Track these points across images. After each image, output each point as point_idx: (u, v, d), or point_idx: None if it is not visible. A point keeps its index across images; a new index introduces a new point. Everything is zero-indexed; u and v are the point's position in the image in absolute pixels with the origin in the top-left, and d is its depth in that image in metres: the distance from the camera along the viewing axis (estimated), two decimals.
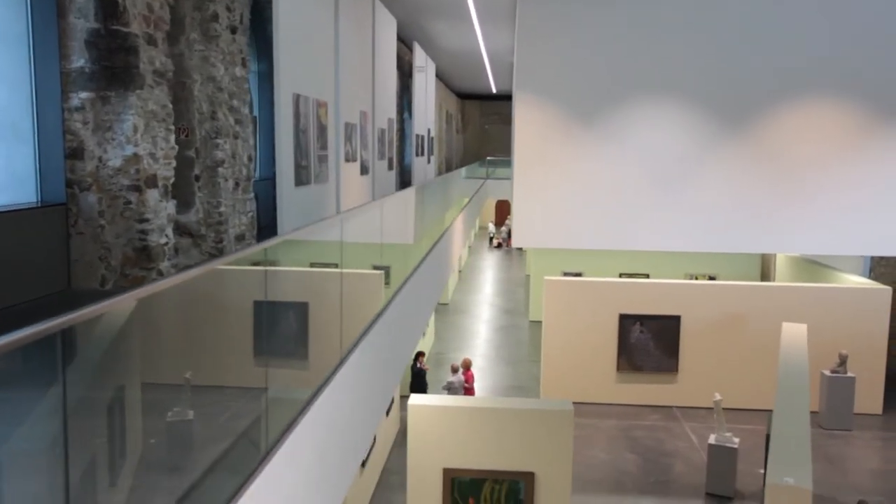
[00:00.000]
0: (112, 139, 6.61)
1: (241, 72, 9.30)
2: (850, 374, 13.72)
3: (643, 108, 10.77)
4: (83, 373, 3.01)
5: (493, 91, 36.64)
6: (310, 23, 9.82)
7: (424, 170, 24.12)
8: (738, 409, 13.66)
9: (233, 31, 8.90)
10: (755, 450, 12.00)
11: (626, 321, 14.78)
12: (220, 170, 8.63)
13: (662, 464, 12.32)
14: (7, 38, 6.10)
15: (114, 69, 6.49)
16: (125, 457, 3.22)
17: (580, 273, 19.18)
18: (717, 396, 11.43)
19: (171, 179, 7.33)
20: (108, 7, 6.41)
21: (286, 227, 8.20)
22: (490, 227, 42.01)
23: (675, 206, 10.86)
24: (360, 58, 13.93)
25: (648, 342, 14.74)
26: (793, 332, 11.24)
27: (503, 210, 42.18)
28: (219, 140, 8.60)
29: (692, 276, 19.67)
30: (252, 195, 9.59)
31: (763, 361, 14.05)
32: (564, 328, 14.87)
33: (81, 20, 6.37)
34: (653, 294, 14.91)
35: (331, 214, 8.80)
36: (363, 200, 13.15)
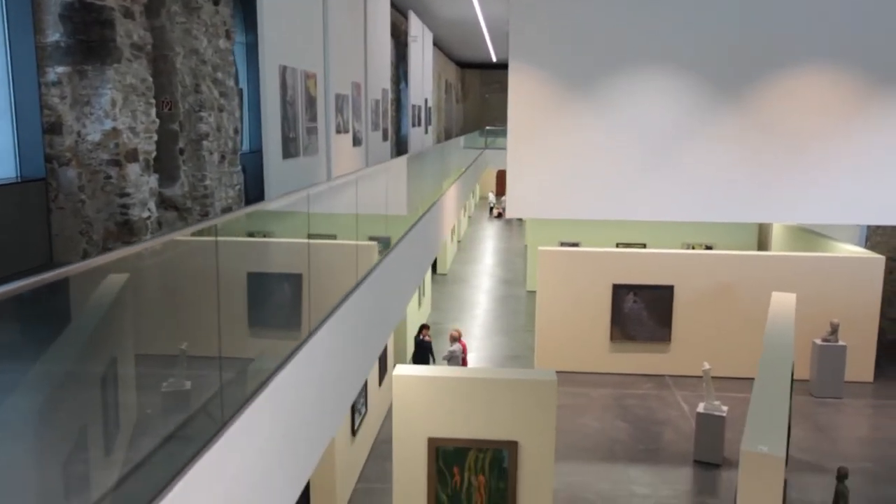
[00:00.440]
0: (90, 114, 6.61)
1: (226, 44, 9.24)
2: (842, 343, 13.77)
3: (639, 78, 10.69)
4: (76, 343, 3.08)
5: (493, 60, 36.32)
6: None
7: (422, 140, 24.03)
8: (731, 378, 13.75)
9: (215, 3, 8.83)
10: (744, 418, 12.05)
11: (620, 291, 14.82)
12: (205, 143, 8.62)
13: (653, 432, 12.45)
14: None
15: (89, 43, 6.47)
16: (119, 427, 3.28)
17: (577, 243, 19.18)
18: (706, 366, 11.50)
19: (153, 153, 7.33)
20: None
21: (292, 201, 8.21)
22: (490, 197, 41.97)
23: (671, 177, 10.83)
24: (352, 28, 13.82)
25: (642, 312, 14.79)
26: (781, 302, 11.27)
27: (504, 180, 42.03)
28: (203, 113, 8.58)
29: (689, 246, 19.66)
30: (239, 168, 9.59)
31: (755, 331, 14.06)
32: (558, 298, 14.93)
33: None
34: (646, 264, 14.92)
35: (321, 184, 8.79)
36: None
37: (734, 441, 11.67)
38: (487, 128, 31.00)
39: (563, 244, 18.83)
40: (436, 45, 28.38)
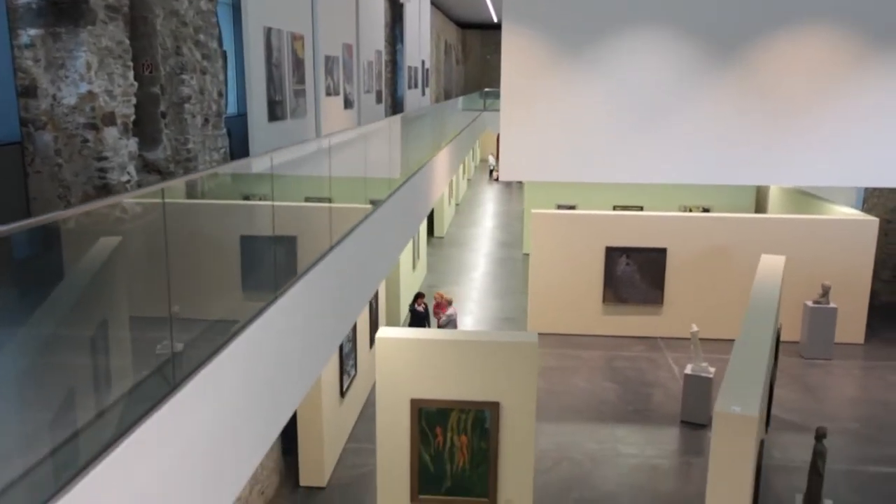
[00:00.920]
0: (65, 77, 6.57)
1: (208, 5, 9.14)
2: (832, 305, 13.80)
3: (634, 38, 10.57)
4: (69, 300, 3.13)
5: (494, 20, 35.83)
6: None
7: (418, 102, 23.85)
8: (723, 340, 13.79)
9: None
10: None
11: (613, 254, 14.83)
12: (187, 106, 8.58)
13: (642, 393, 12.56)
14: None
15: (61, 5, 6.40)
16: (111, 386, 3.34)
17: (574, 206, 19.13)
18: (695, 328, 11.56)
19: (132, 117, 7.29)
20: None
21: (258, 163, 8.21)
22: (490, 160, 41.71)
23: (666, 139, 10.76)
24: None
25: (634, 274, 14.81)
26: (770, 264, 11.27)
27: None
28: (185, 76, 8.52)
29: (686, 208, 19.60)
30: (224, 131, 9.55)
31: (747, 293, 14.06)
32: (551, 261, 14.95)
33: None
34: (639, 226, 14.90)
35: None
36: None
37: None
38: (486, 90, 30.66)
39: (560, 207, 18.79)
40: (435, 6, 27.98)
